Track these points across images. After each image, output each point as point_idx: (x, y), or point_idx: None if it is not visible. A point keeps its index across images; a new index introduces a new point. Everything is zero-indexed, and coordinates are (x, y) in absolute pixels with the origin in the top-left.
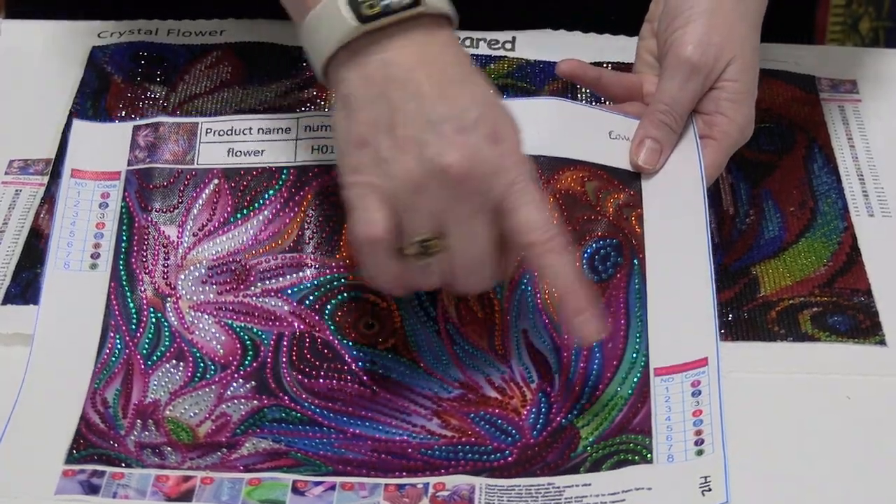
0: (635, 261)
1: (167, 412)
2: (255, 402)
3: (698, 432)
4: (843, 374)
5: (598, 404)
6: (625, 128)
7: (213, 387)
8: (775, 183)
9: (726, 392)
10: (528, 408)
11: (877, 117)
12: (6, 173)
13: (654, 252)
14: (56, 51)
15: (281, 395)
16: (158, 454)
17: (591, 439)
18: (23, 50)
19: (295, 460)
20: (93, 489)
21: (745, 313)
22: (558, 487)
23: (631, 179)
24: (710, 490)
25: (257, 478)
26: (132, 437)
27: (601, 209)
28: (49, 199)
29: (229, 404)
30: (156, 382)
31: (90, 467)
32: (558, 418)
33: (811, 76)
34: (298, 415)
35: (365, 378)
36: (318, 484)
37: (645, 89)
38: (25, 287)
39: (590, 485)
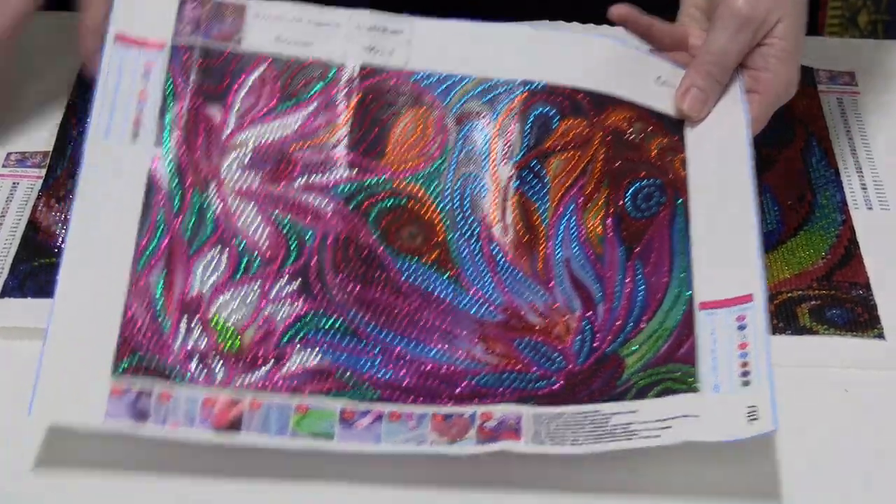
0: (679, 201)
1: (212, 310)
2: (299, 304)
3: (744, 364)
4: (842, 368)
5: (643, 335)
6: (672, 74)
7: (257, 283)
8: (773, 177)
9: None
10: (571, 336)
11: (875, 110)
12: (3, 166)
13: (698, 193)
14: (54, 43)
15: (325, 299)
16: (206, 366)
17: (635, 368)
18: (20, 43)
19: (341, 382)
20: (142, 415)
21: None
22: (604, 414)
23: (675, 126)
24: (756, 419)
25: (305, 404)
26: (178, 342)
27: (645, 150)
28: (47, 193)
29: (273, 306)
30: (199, 272)
31: (137, 384)
32: (603, 346)
33: (810, 68)
34: (343, 325)
35: (408, 292)
36: (365, 414)
37: (691, 42)
38: (23, 280)
39: (636, 412)
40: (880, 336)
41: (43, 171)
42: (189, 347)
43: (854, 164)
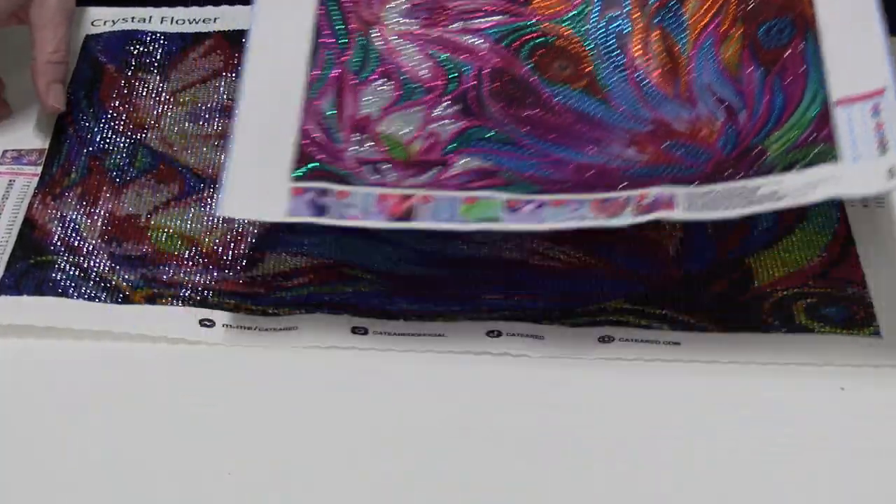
0: (808, 32)
1: (380, 128)
2: (461, 122)
3: (881, 140)
4: (838, 365)
5: (783, 128)
6: None
7: (421, 107)
8: None
9: (720, 385)
10: (716, 137)
11: None
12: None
13: (827, 23)
14: None
15: (484, 118)
16: (377, 171)
17: (778, 152)
18: (15, 39)
19: (505, 179)
20: (321, 209)
21: (739, 304)
22: (752, 188)
23: None
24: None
25: (472, 196)
26: (351, 152)
27: None
28: (43, 190)
29: (437, 124)
30: (367, 98)
31: (316, 184)
32: (747, 140)
33: None
34: (503, 136)
35: (561, 111)
36: (528, 202)
37: None
38: (20, 278)
39: (781, 181)
40: (876, 334)
41: (39, 169)
42: (362, 156)
43: None
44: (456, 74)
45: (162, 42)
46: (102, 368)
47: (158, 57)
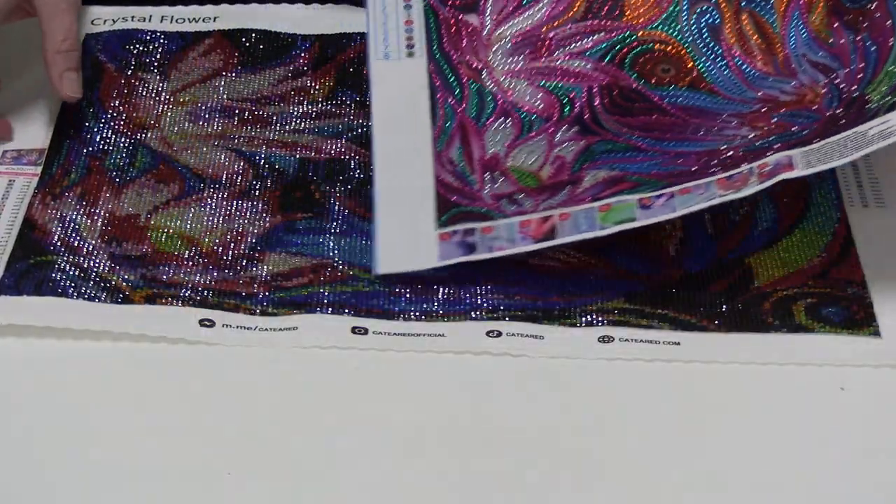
0: None
1: (509, 163)
2: (583, 142)
3: None
4: (837, 365)
5: (881, 75)
6: None
7: (542, 136)
8: None
9: (720, 385)
10: (821, 98)
11: None
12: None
13: None
14: None
15: (603, 132)
16: (514, 202)
17: (879, 95)
18: (15, 39)
19: (632, 183)
20: (470, 248)
21: (739, 304)
22: (861, 132)
23: None
24: None
25: (606, 204)
26: (486, 191)
27: None
28: (43, 190)
29: (560, 148)
30: (490, 138)
31: (461, 226)
32: (849, 93)
33: None
34: (623, 144)
35: (673, 111)
36: (659, 197)
37: None
38: (19, 278)
39: (888, 119)
40: (876, 334)
41: (39, 169)
42: (497, 192)
43: (850, 162)
44: (568, 98)
45: (162, 41)
46: (102, 368)
47: (158, 56)
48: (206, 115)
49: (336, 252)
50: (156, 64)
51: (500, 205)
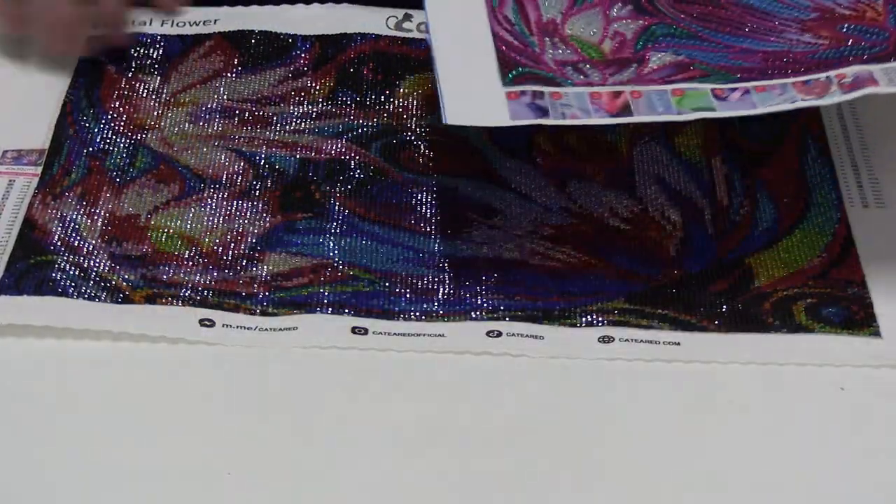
0: None
1: (567, 30)
2: (640, 21)
3: None
4: (837, 366)
5: None
6: None
7: (597, 8)
8: (769, 173)
9: (720, 385)
10: (883, 16)
11: (871, 107)
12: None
13: None
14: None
15: (660, 14)
16: (579, 71)
17: None
18: (16, 41)
19: (702, 71)
20: (542, 111)
21: (739, 304)
22: None
23: None
24: None
25: (679, 88)
26: (549, 55)
27: None
28: (43, 191)
29: (618, 24)
30: (545, 2)
31: (529, 88)
32: None
33: None
34: (684, 31)
35: (727, 5)
36: (733, 90)
37: None
38: (19, 277)
39: None
40: (876, 334)
41: (39, 170)
42: (560, 59)
43: (850, 162)
44: None
45: (162, 44)
46: (102, 368)
47: (158, 59)
48: (207, 116)
49: (336, 252)
50: (156, 66)
51: (566, 72)
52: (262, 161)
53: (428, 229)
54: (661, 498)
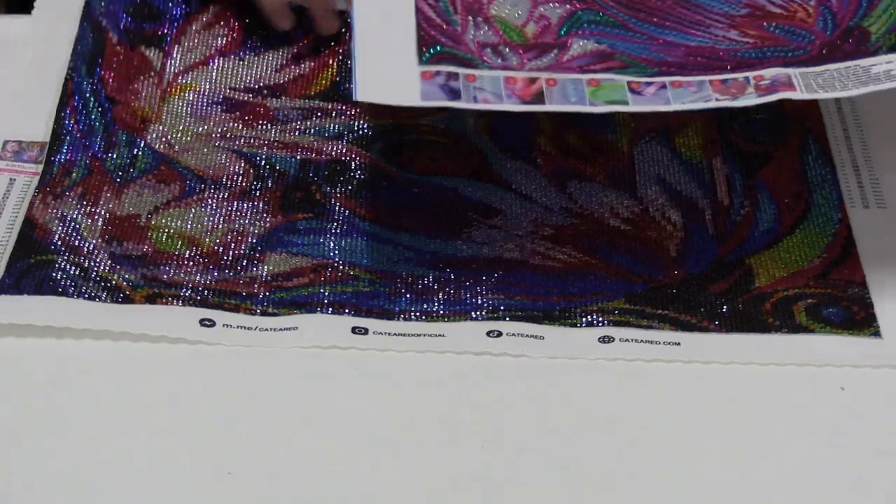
0: None
1: (492, 11)
2: (568, 5)
3: None
4: (837, 366)
5: (878, 8)
6: None
7: None
8: (770, 173)
9: (720, 385)
10: (813, 18)
11: (872, 108)
12: (0, 158)
13: None
14: (49, 29)
15: (590, 1)
16: (498, 54)
17: (880, 32)
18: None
19: (622, 62)
20: (454, 93)
21: (739, 305)
22: (864, 67)
23: None
24: None
25: (595, 79)
26: (470, 35)
27: None
28: (43, 189)
29: (544, 7)
30: None
31: (444, 68)
32: (845, 22)
33: None
34: (610, 19)
35: None
36: (649, 84)
37: None
38: (19, 277)
39: (892, 61)
40: (876, 334)
41: (40, 168)
42: (480, 40)
43: (851, 162)
44: None
45: (164, 8)
46: (102, 368)
47: (163, 27)
48: (207, 108)
49: (336, 252)
50: (158, 35)
51: (485, 53)
52: (263, 161)
53: (428, 229)
54: (661, 498)
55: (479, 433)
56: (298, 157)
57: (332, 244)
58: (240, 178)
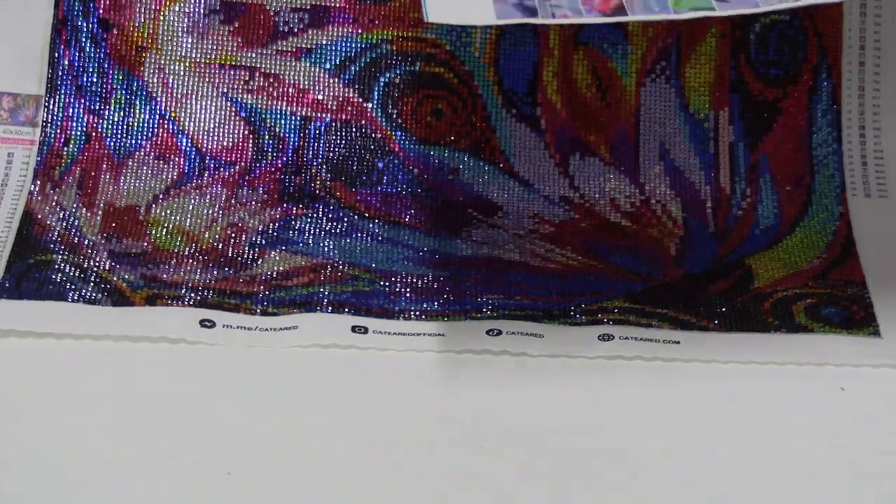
0: None
1: None
2: None
3: None
4: (837, 365)
5: None
6: None
7: None
8: (774, 141)
9: (720, 384)
10: None
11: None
12: None
13: None
14: None
15: None
16: None
17: None
18: None
19: None
20: (530, 11)
21: (739, 304)
22: None
23: None
24: None
25: None
26: None
27: None
28: (42, 172)
29: None
30: None
31: None
32: None
33: None
34: None
35: None
36: None
37: None
38: (19, 279)
39: None
40: (876, 334)
41: (37, 133)
42: None
43: (858, 123)
44: None
45: None
46: (102, 368)
47: None
48: (204, 18)
49: (336, 252)
50: None
51: None
52: (264, 122)
53: (428, 228)
54: (661, 497)
55: (479, 432)
56: (299, 116)
57: (331, 243)
58: (239, 153)
